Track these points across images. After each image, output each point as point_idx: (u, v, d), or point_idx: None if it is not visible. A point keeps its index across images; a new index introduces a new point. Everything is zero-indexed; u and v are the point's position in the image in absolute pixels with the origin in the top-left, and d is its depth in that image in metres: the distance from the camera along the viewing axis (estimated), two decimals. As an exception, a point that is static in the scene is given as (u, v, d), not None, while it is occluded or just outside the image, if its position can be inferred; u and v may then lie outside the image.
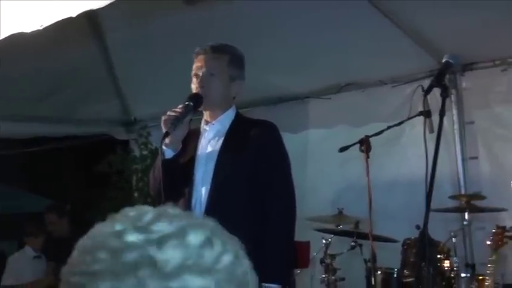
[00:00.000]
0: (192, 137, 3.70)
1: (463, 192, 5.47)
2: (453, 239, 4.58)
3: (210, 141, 3.65)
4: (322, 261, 5.13)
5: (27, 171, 11.78)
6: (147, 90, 7.00)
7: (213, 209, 3.47)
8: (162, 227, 0.98)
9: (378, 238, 4.75)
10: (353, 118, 6.21)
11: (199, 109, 3.59)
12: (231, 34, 5.71)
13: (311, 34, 5.66)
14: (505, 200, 5.04)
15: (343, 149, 4.52)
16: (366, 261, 4.91)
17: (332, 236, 5.24)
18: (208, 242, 0.99)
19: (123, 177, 7.48)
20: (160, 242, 0.96)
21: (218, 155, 3.56)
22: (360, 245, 5.03)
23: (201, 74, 3.59)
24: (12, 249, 7.33)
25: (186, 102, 3.48)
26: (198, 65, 3.62)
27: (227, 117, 3.66)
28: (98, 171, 7.56)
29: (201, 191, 3.56)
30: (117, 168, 7.46)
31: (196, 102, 3.52)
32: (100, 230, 1.02)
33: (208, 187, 3.53)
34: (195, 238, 0.98)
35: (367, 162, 4.26)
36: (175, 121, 3.41)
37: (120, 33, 6.01)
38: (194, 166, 3.61)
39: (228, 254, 1.00)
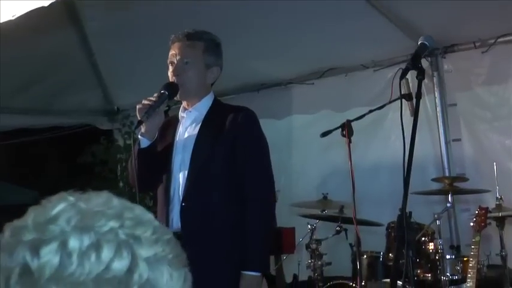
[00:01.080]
0: (171, 125, 3.69)
1: (446, 174, 5.48)
2: (437, 221, 4.58)
3: (187, 128, 3.63)
4: (308, 247, 5.13)
5: (10, 163, 11.70)
6: (129, 79, 6.97)
7: (191, 195, 3.46)
8: (58, 226, 0.91)
9: (362, 222, 4.75)
10: (336, 103, 6.21)
11: (176, 98, 3.57)
12: (214, 21, 5.67)
13: (293, 20, 5.63)
14: (488, 181, 5.05)
15: (324, 134, 4.50)
16: (351, 246, 4.91)
17: (317, 221, 5.24)
18: (93, 247, 0.89)
19: (107, 167, 7.45)
20: (38, 245, 0.88)
21: (195, 141, 3.54)
22: (345, 230, 5.04)
23: (176, 62, 3.57)
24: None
25: (162, 91, 3.46)
26: (173, 53, 3.59)
27: (204, 104, 3.64)
28: (81, 162, 7.52)
29: (179, 177, 3.54)
30: (101, 158, 7.43)
31: (171, 91, 3.50)
32: (14, 223, 0.96)
33: (186, 173, 3.51)
34: (77, 242, 0.89)
35: (349, 146, 4.24)
36: (150, 110, 3.40)
37: (99, 22, 5.96)
38: (172, 153, 3.60)
39: (120, 260, 0.90)
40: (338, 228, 5.03)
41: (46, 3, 2.84)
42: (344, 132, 4.27)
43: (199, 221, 3.41)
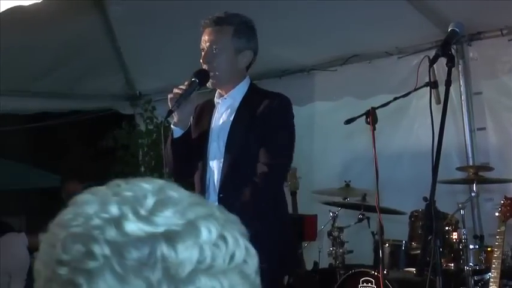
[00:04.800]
0: (206, 110, 3.65)
1: (470, 163, 5.44)
2: (461, 210, 4.55)
3: (222, 115, 3.59)
4: (329, 234, 5.12)
5: (32, 147, 11.78)
6: (151, 64, 6.96)
7: (227, 186, 3.43)
8: (167, 219, 0.86)
9: (385, 210, 4.73)
10: (359, 90, 6.17)
11: (208, 85, 3.54)
12: (237, 5, 5.64)
13: (317, 6, 5.59)
14: (512, 170, 5.01)
15: (348, 121, 4.46)
16: (373, 234, 4.90)
17: (339, 208, 5.23)
18: (221, 238, 0.87)
19: (129, 152, 7.46)
20: (171, 239, 0.84)
21: (230, 128, 3.50)
22: (368, 218, 5.02)
23: (206, 49, 3.52)
24: (18, 225, 7.30)
25: (192, 79, 3.42)
26: (203, 39, 3.54)
27: (239, 91, 3.58)
28: (103, 146, 7.54)
29: (213, 166, 3.52)
30: (122, 143, 7.44)
31: (202, 78, 3.45)
32: (86, 209, 0.88)
33: (221, 162, 3.48)
34: (208, 235, 0.86)
35: (373, 134, 4.21)
36: (180, 99, 3.36)
37: (123, 7, 5.95)
38: (207, 140, 3.56)
39: (239, 250, 0.88)
40: (360, 216, 5.02)
41: (72, -13, 2.82)
42: (368, 120, 4.23)
43: (237, 213, 3.36)
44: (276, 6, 5.68)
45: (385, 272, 4.52)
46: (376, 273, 4.63)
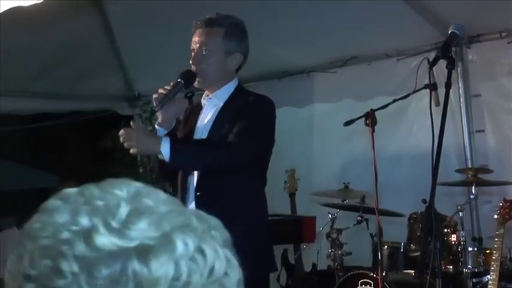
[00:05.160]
0: (194, 112, 3.66)
1: (469, 165, 5.43)
2: (460, 212, 4.55)
3: (207, 115, 3.59)
4: (328, 236, 5.12)
5: (31, 148, 11.77)
6: (150, 65, 6.95)
7: (203, 184, 3.43)
8: (141, 232, 0.80)
9: (384, 212, 4.73)
10: (358, 92, 6.17)
11: (194, 85, 3.53)
12: (236, 7, 5.64)
13: (316, 7, 5.58)
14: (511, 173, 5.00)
15: (348, 123, 4.46)
16: (372, 236, 4.89)
17: (338, 210, 5.23)
18: (199, 251, 0.82)
19: (127, 152, 7.44)
20: (144, 254, 0.78)
21: (211, 127, 3.50)
22: (366, 220, 5.02)
23: (195, 50, 3.51)
24: (15, 225, 7.30)
25: (178, 80, 3.43)
26: (194, 40, 3.53)
27: (225, 91, 3.57)
28: (102, 147, 7.53)
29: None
30: (121, 143, 7.42)
31: (187, 79, 3.45)
32: (55, 218, 0.82)
33: None
34: (184, 248, 0.81)
35: (372, 136, 4.21)
36: (164, 100, 3.37)
37: (122, 7, 5.94)
38: (192, 139, 3.56)
39: (219, 262, 0.83)
40: (359, 218, 5.01)
41: (72, -13, 2.82)
42: (368, 122, 4.23)
43: (214, 210, 3.34)
44: (276, 8, 5.68)
45: (383, 274, 4.52)
46: (374, 275, 4.62)
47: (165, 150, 3.28)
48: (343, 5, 5.50)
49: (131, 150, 3.40)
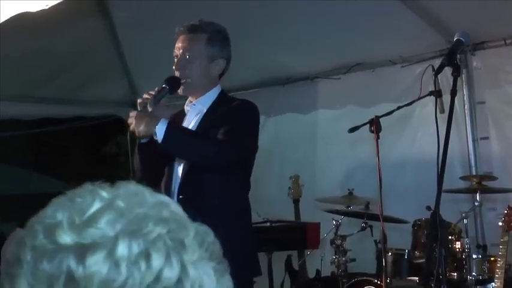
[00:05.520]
0: (177, 119, 3.65)
1: (474, 172, 5.43)
2: (464, 220, 4.55)
3: (190, 122, 3.60)
4: (332, 243, 5.11)
5: (35, 153, 11.79)
6: (155, 71, 6.91)
7: (186, 188, 3.44)
8: (99, 230, 0.83)
9: (388, 219, 4.72)
10: (363, 98, 6.17)
11: (179, 92, 3.53)
12: (240, 13, 5.66)
13: (320, 14, 5.59)
14: (516, 180, 5.01)
15: (352, 130, 4.47)
16: (376, 242, 4.89)
17: (342, 217, 5.22)
18: (142, 256, 0.82)
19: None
20: (84, 252, 0.80)
21: None
22: (371, 226, 5.01)
23: (179, 55, 3.53)
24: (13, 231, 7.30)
25: (163, 85, 3.44)
26: (177, 46, 3.56)
27: (209, 97, 3.59)
28: (106, 153, 7.54)
29: (178, 169, 3.53)
30: (126, 149, 7.43)
31: (172, 85, 3.47)
32: (41, 216, 0.87)
33: (182, 165, 3.49)
34: (126, 251, 0.81)
35: (377, 142, 4.21)
36: (148, 105, 3.37)
37: (127, 13, 5.96)
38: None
39: (170, 270, 0.83)
40: (363, 225, 5.01)
41: (80, -7, 2.83)
42: (372, 128, 4.24)
43: (196, 214, 3.31)
44: (280, 14, 5.69)
45: (388, 280, 4.52)
46: (378, 282, 4.63)
47: (160, 131, 3.25)
48: (347, 11, 5.51)
49: (136, 133, 3.34)
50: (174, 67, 3.56)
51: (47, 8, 2.98)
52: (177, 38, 3.60)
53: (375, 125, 4.25)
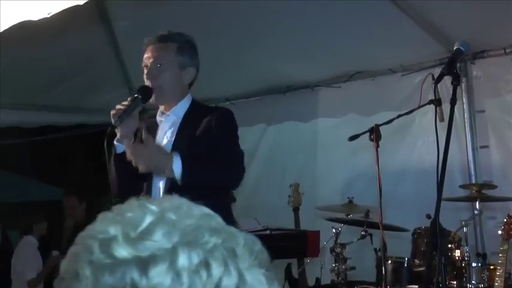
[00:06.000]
0: (150, 130, 3.61)
1: (473, 181, 5.44)
2: (464, 228, 4.55)
3: (166, 133, 3.58)
4: (332, 251, 5.12)
5: (36, 160, 11.80)
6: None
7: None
8: (155, 242, 0.85)
9: (388, 227, 4.73)
10: (363, 107, 6.19)
11: (151, 101, 3.51)
12: (241, 23, 5.68)
13: (321, 23, 5.61)
14: (516, 189, 5.02)
15: (352, 138, 4.48)
16: (376, 251, 4.89)
17: (342, 225, 5.23)
18: (202, 265, 0.84)
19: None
20: (146, 264, 0.83)
21: (172, 147, 3.47)
22: (370, 234, 5.02)
23: (149, 65, 3.53)
24: (17, 239, 7.31)
25: (135, 95, 3.44)
26: (146, 56, 3.56)
27: (182, 107, 3.58)
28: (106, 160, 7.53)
29: (159, 184, 3.50)
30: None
31: (145, 94, 3.46)
32: (92, 231, 0.89)
33: (165, 180, 3.45)
34: (186, 261, 0.84)
35: (377, 151, 4.23)
36: (123, 115, 3.35)
37: (128, 21, 5.98)
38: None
39: (229, 278, 0.85)
40: (363, 233, 5.01)
41: (81, 2, 2.85)
42: (372, 137, 4.25)
43: None
44: (280, 23, 5.70)
45: (387, 288, 4.52)
46: (378, 290, 4.63)
47: (177, 168, 3.22)
48: (348, 20, 5.53)
49: (139, 168, 3.25)
50: (145, 77, 3.55)
51: (48, 16, 2.99)
52: (145, 48, 3.61)
53: (374, 133, 4.26)
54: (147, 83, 3.52)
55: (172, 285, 0.82)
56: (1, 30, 3.24)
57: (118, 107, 3.42)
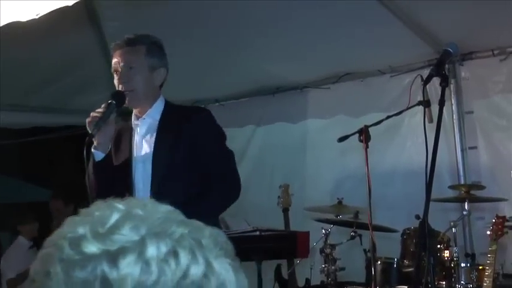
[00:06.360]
0: (124, 135, 3.64)
1: (462, 182, 5.46)
2: (453, 228, 4.57)
3: (144, 138, 3.58)
4: (322, 251, 5.12)
5: (25, 162, 11.76)
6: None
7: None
8: (124, 236, 0.88)
9: (377, 228, 4.74)
10: (352, 108, 6.20)
11: (125, 105, 3.53)
12: (231, 24, 5.68)
13: (310, 24, 5.62)
14: (504, 189, 5.05)
15: (342, 139, 4.49)
16: (365, 251, 4.90)
17: (332, 226, 5.23)
18: (171, 254, 0.88)
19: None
20: (115, 256, 0.86)
21: (154, 151, 3.49)
22: (360, 235, 5.03)
23: (120, 69, 3.52)
24: (6, 240, 7.29)
25: (109, 101, 3.43)
26: (115, 61, 3.56)
27: (156, 109, 3.59)
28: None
29: (141, 187, 3.51)
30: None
31: (118, 99, 3.45)
32: (61, 232, 0.92)
33: (149, 187, 3.47)
34: (155, 251, 0.87)
35: (366, 152, 4.24)
36: (99, 122, 3.35)
37: (118, 23, 5.97)
38: (131, 166, 3.55)
39: (197, 265, 0.89)
40: (353, 234, 5.02)
41: (70, 3, 2.84)
42: (361, 138, 4.26)
43: None
44: (270, 24, 5.71)
45: (376, 289, 4.53)
46: (368, 291, 4.63)
47: None
48: (337, 22, 5.53)
49: None
50: (116, 81, 3.55)
51: (37, 17, 2.98)
52: (113, 52, 3.60)
53: (364, 134, 4.27)
54: (119, 87, 3.51)
55: (141, 274, 0.85)
56: (-11, 32, 3.23)
57: (93, 114, 3.41)
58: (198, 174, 3.47)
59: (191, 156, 3.44)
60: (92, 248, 0.87)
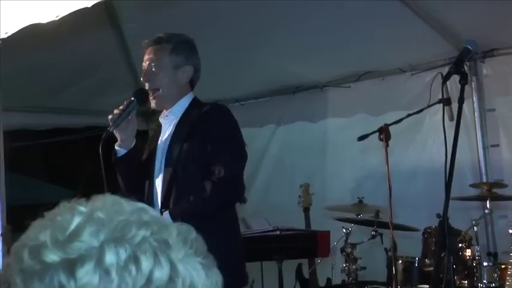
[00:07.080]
0: (156, 133, 3.69)
1: (484, 180, 5.42)
2: (475, 227, 4.54)
3: (165, 133, 3.61)
4: (342, 251, 5.12)
5: (47, 163, 11.84)
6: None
7: (166, 198, 3.44)
8: (83, 243, 0.85)
9: (398, 227, 4.72)
10: (372, 106, 6.18)
11: (152, 106, 3.56)
12: (249, 23, 5.69)
13: (330, 23, 5.61)
14: (527, 188, 4.99)
15: (362, 138, 4.48)
16: (386, 250, 4.88)
17: (352, 225, 5.22)
18: (131, 260, 0.84)
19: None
20: (73, 266, 0.83)
21: (169, 144, 3.52)
22: (381, 234, 5.01)
23: (145, 67, 3.56)
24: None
25: (132, 98, 3.47)
26: (144, 59, 3.60)
27: (181, 106, 3.60)
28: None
29: (158, 182, 3.52)
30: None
31: (140, 97, 3.50)
32: (23, 240, 0.90)
33: (162, 177, 3.49)
34: (114, 257, 0.84)
35: (386, 151, 4.22)
36: (117, 120, 3.41)
37: (138, 23, 5.99)
38: (154, 159, 3.58)
39: (160, 269, 0.85)
40: (373, 233, 5.00)
41: (89, 4, 2.86)
42: (381, 136, 4.25)
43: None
44: (290, 24, 5.71)
45: (398, 288, 4.51)
46: (389, 290, 4.62)
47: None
48: (357, 20, 5.52)
49: None
50: (141, 79, 3.58)
51: (57, 19, 3.00)
52: (144, 51, 3.63)
53: (384, 133, 4.26)
54: (145, 85, 3.55)
55: (101, 283, 0.82)
56: (10, 34, 3.25)
57: (115, 111, 3.46)
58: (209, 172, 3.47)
59: (202, 150, 3.44)
60: (52, 256, 0.84)
